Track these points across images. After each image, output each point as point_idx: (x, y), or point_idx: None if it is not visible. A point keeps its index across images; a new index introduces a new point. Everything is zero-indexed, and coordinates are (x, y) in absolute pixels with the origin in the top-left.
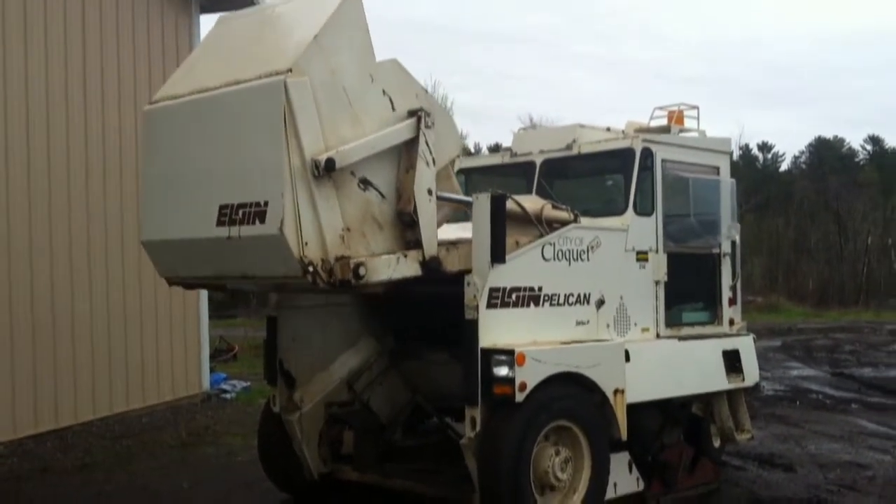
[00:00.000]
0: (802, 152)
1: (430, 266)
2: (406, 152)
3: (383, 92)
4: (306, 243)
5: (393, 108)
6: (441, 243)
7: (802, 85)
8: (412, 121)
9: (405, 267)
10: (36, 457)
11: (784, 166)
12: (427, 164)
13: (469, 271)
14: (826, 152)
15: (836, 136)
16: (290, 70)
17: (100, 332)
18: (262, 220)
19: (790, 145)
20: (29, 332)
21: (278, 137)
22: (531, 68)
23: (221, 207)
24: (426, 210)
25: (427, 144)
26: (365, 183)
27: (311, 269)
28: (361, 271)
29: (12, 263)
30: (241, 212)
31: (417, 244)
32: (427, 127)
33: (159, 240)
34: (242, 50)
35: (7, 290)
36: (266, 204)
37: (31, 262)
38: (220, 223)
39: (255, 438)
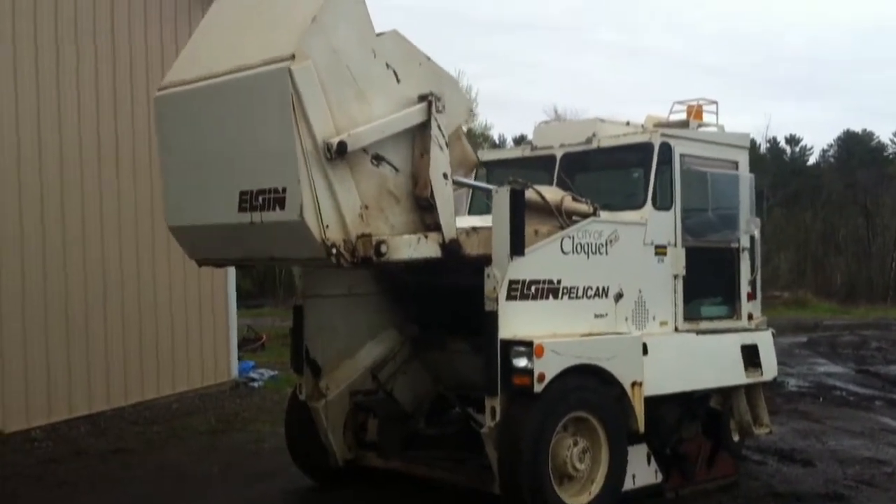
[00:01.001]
0: (831, 145)
1: (450, 248)
2: (419, 136)
3: (387, 65)
4: (327, 226)
5: (398, 80)
6: (461, 229)
7: (831, 76)
8: (423, 105)
9: (425, 248)
10: (70, 441)
11: (812, 160)
12: (441, 148)
13: (488, 256)
14: (855, 146)
15: (864, 130)
16: (293, 56)
17: (131, 321)
18: (282, 207)
19: (818, 138)
20: (63, 321)
21: (288, 124)
22: (555, 56)
23: (241, 193)
24: (443, 194)
25: (440, 129)
26: (378, 159)
27: (334, 250)
28: (383, 248)
29: (46, 253)
30: (260, 198)
31: (437, 227)
32: (438, 111)
33: (185, 225)
34: (244, 30)
35: (42, 279)
36: (284, 190)
37: (63, 252)
38: (241, 209)
39: (282, 425)
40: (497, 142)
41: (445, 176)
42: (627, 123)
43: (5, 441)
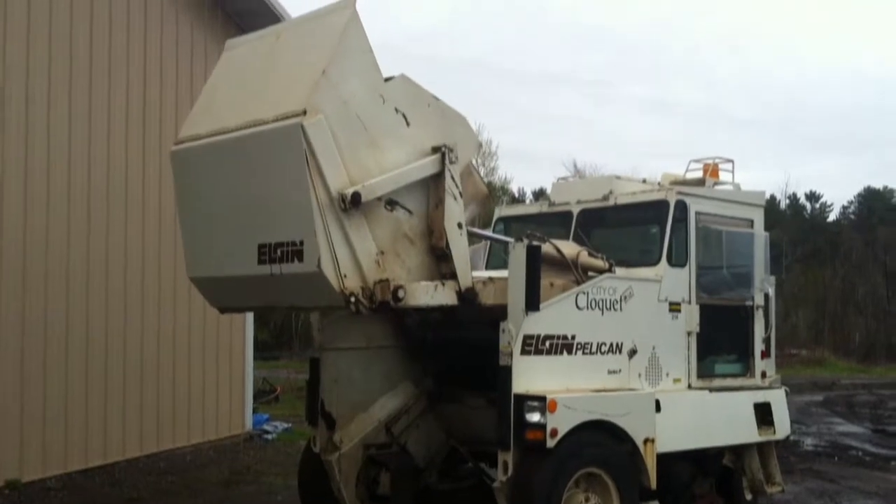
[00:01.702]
0: (851, 202)
1: (467, 297)
2: (433, 186)
3: (395, 110)
4: (345, 275)
5: (408, 124)
6: (477, 279)
7: (853, 131)
8: (437, 156)
9: (442, 295)
10: (85, 491)
11: (832, 216)
12: (455, 198)
13: (504, 306)
14: (875, 202)
15: (885, 187)
16: (305, 111)
17: (149, 371)
18: (301, 259)
19: (839, 194)
20: (82, 371)
21: (303, 179)
22: (578, 110)
23: (260, 246)
24: (458, 243)
25: (453, 180)
26: (391, 204)
27: (353, 298)
28: (401, 293)
29: (70, 303)
30: (279, 251)
31: (453, 276)
32: (451, 162)
33: (205, 276)
34: (255, 84)
35: (64, 330)
36: (302, 243)
37: (86, 303)
38: (261, 261)
39: (295, 478)
40: (517, 195)
41: (460, 226)
42: (644, 181)
43: (22, 490)
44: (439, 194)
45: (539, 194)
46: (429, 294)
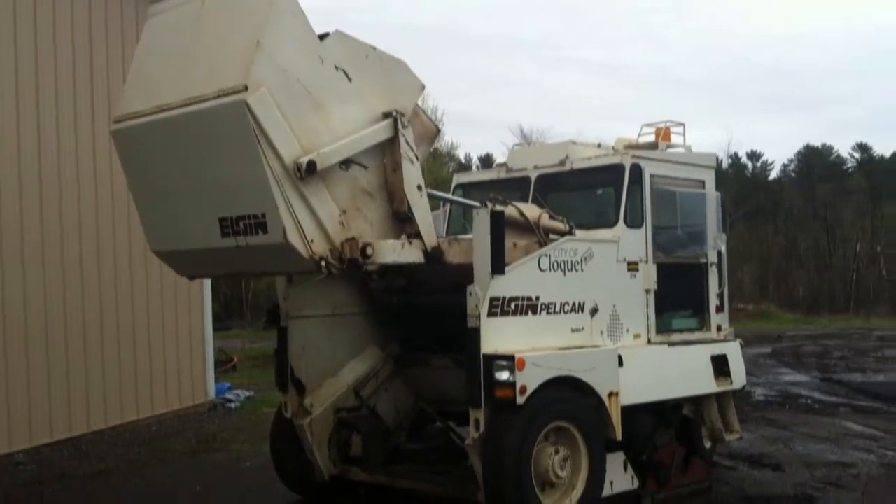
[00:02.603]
0: (791, 160)
1: (433, 255)
2: (388, 150)
3: (335, 67)
4: (311, 240)
5: (349, 79)
6: (442, 238)
7: (793, 90)
8: (389, 122)
9: (409, 253)
10: (53, 464)
11: (773, 174)
12: (411, 161)
13: (469, 265)
14: (815, 160)
15: (824, 144)
16: (246, 87)
17: (110, 344)
18: (265, 231)
19: (779, 153)
20: (42, 344)
21: (255, 154)
22: (527, 73)
23: (221, 220)
24: (419, 205)
25: (408, 143)
26: (346, 163)
27: (323, 263)
28: (369, 251)
29: (26, 276)
30: (241, 224)
31: (418, 235)
32: (404, 126)
33: (169, 250)
34: (187, 55)
35: (21, 303)
36: (264, 216)
37: (43, 276)
38: (224, 234)
39: (263, 445)
40: (463, 161)
41: (420, 188)
42: (599, 146)
43: None
44: (395, 158)
45: (486, 160)
46: (396, 252)
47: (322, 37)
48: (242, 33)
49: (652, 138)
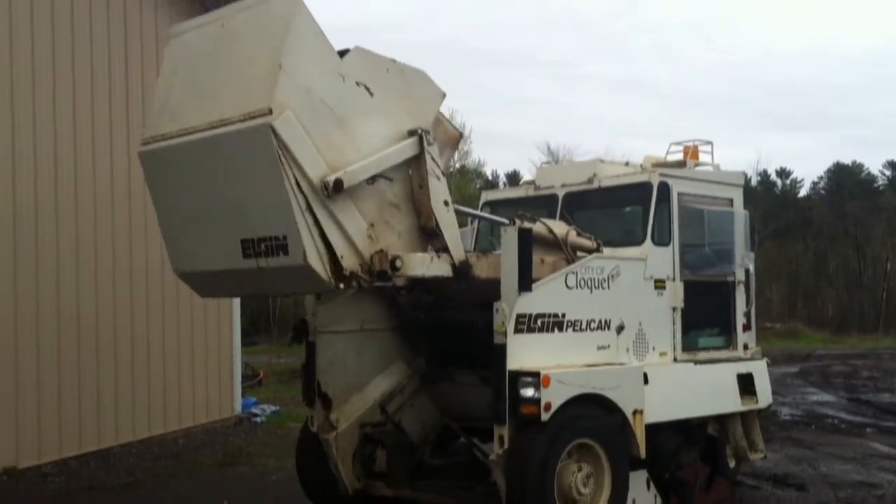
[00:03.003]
0: (821, 178)
1: (461, 269)
2: (415, 167)
3: (357, 83)
4: (342, 256)
5: (371, 94)
6: (470, 253)
7: (822, 108)
8: (414, 140)
9: (438, 266)
10: (81, 476)
11: (803, 192)
12: (437, 178)
13: (497, 280)
14: (845, 177)
15: (854, 162)
16: (271, 110)
17: (140, 358)
18: (286, 252)
19: (809, 170)
20: (74, 358)
21: (278, 177)
22: (549, 91)
23: (243, 241)
24: (446, 220)
25: (434, 160)
26: (372, 178)
27: (353, 279)
28: (398, 263)
29: (60, 290)
30: (263, 245)
31: (446, 250)
32: (429, 144)
33: (191, 271)
34: (211, 78)
35: (56, 316)
36: (285, 238)
37: (77, 291)
38: (245, 255)
39: (288, 459)
40: (490, 178)
41: (446, 203)
42: (627, 164)
43: (19, 477)
44: (422, 175)
45: (512, 177)
46: (425, 265)
47: (342, 53)
48: (264, 55)
49: (680, 156)
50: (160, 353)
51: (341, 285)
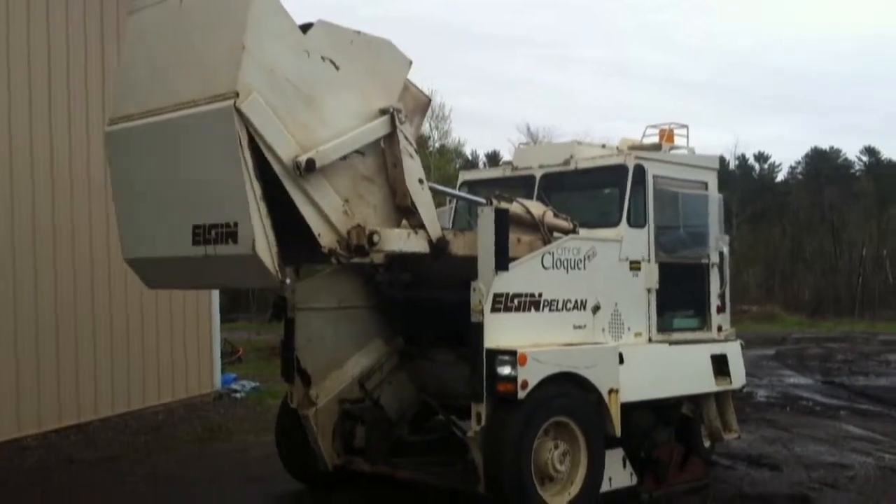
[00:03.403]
0: (799, 162)
1: (438, 246)
2: (388, 146)
3: (322, 58)
4: (319, 234)
5: (336, 68)
6: (447, 230)
7: (802, 93)
8: (386, 118)
9: (415, 242)
10: (61, 449)
11: (780, 176)
12: (411, 156)
13: (473, 257)
14: (822, 163)
15: (832, 147)
16: (237, 93)
17: (119, 333)
18: (235, 241)
19: (787, 155)
20: (52, 332)
21: (236, 160)
22: (535, 71)
23: (195, 227)
24: (422, 199)
25: (406, 139)
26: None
27: (332, 255)
28: (375, 238)
29: (38, 265)
30: (213, 232)
31: (422, 227)
32: (401, 122)
33: (140, 257)
34: (173, 56)
35: (33, 292)
36: (236, 225)
37: (54, 265)
38: (195, 242)
39: (267, 435)
40: (470, 157)
41: (421, 181)
42: (603, 146)
43: None
44: (395, 154)
45: (492, 157)
46: (402, 240)
47: (305, 28)
48: (225, 35)
49: (656, 139)
50: (139, 329)
51: (287, 280)
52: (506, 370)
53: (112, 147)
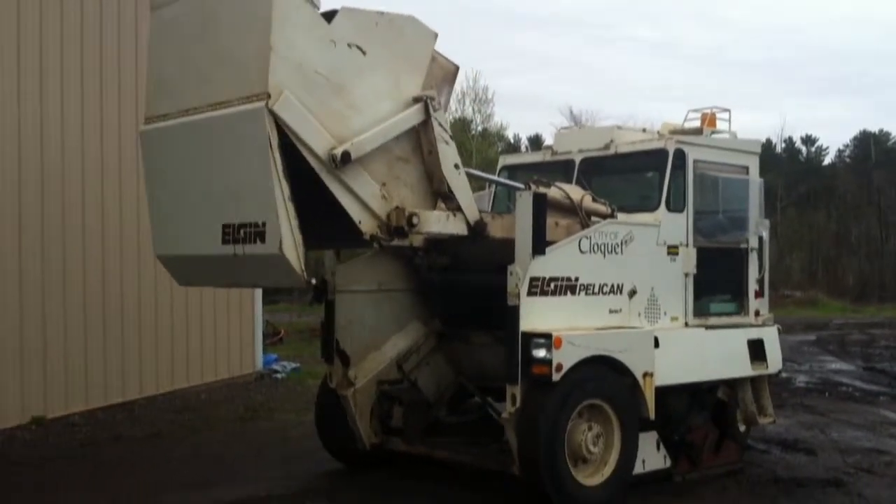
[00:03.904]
0: (847, 146)
1: (476, 228)
2: (423, 133)
3: (349, 46)
4: (360, 222)
5: (364, 53)
6: (485, 213)
7: (850, 74)
8: (419, 106)
9: (454, 225)
10: (108, 426)
11: (828, 160)
12: (446, 142)
13: (511, 240)
14: (871, 146)
15: (881, 130)
16: (269, 94)
17: (163, 314)
18: (262, 240)
19: (835, 138)
20: (100, 313)
21: (265, 161)
22: (580, 53)
23: (224, 227)
24: (458, 183)
25: (441, 125)
26: None
27: (374, 241)
28: (415, 220)
29: (86, 250)
30: (242, 231)
31: (460, 209)
32: (435, 110)
33: (171, 255)
34: (203, 55)
35: (81, 274)
36: (264, 224)
37: (102, 249)
38: (224, 241)
39: (307, 414)
40: (512, 141)
41: (457, 166)
42: (644, 130)
43: (48, 426)
44: (430, 140)
45: (534, 141)
46: (441, 223)
47: (329, 16)
48: (252, 31)
49: (697, 123)
50: (184, 310)
51: (312, 280)
52: (541, 353)
53: (146, 146)
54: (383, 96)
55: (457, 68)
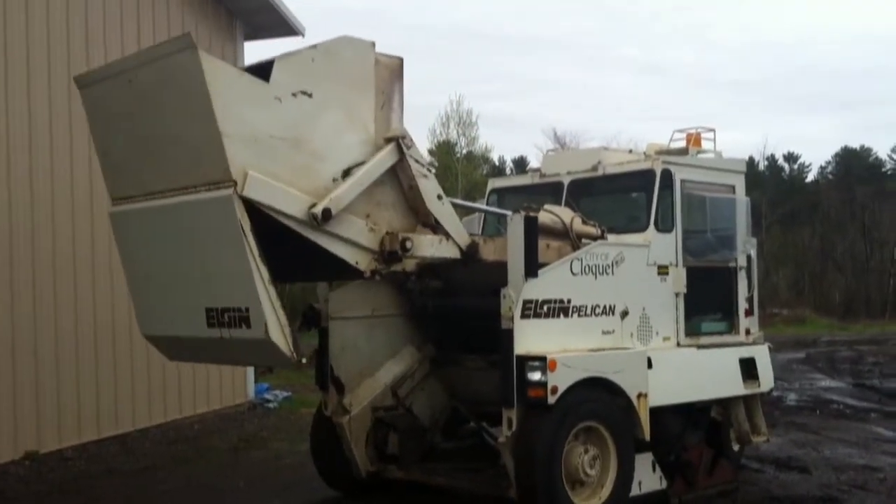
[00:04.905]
0: (829, 162)
1: (469, 251)
2: (400, 171)
3: (293, 95)
4: (357, 262)
5: (310, 95)
6: (476, 236)
7: (833, 92)
8: (392, 147)
9: (446, 249)
10: (101, 459)
11: (811, 176)
12: (425, 176)
13: (503, 263)
14: (853, 162)
15: (863, 146)
16: (235, 182)
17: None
18: (248, 325)
19: (817, 155)
20: (91, 346)
21: (241, 247)
22: (565, 74)
23: (208, 310)
24: (444, 213)
25: (417, 161)
26: (346, 174)
27: (374, 275)
28: (408, 244)
29: (77, 280)
30: (226, 315)
31: (449, 238)
32: (408, 147)
33: (158, 335)
34: (152, 137)
35: (73, 306)
36: (247, 310)
37: (93, 280)
38: (210, 325)
39: (301, 443)
40: (497, 163)
41: (440, 197)
42: (630, 151)
43: (41, 461)
44: (409, 176)
45: (519, 163)
46: (433, 246)
47: (264, 68)
48: (195, 116)
49: (683, 144)
50: None
51: (303, 360)
52: (536, 376)
53: (117, 227)
54: (342, 130)
55: (401, 60)
